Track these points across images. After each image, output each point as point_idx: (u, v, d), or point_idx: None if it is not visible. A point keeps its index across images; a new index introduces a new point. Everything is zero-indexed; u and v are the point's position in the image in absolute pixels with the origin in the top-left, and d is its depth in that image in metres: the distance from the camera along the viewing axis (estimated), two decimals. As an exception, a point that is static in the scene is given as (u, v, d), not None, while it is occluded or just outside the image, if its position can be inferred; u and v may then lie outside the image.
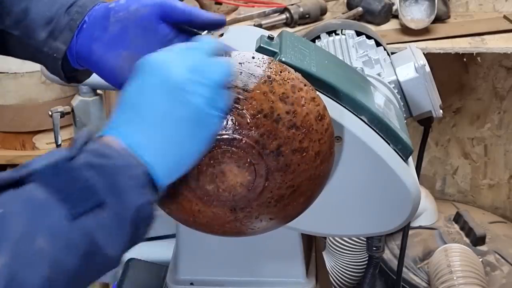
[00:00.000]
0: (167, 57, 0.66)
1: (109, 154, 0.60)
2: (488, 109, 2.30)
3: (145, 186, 0.61)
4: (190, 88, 0.64)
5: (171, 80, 0.63)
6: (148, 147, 0.62)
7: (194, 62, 0.65)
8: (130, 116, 0.64)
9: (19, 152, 2.20)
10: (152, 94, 0.64)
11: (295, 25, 2.00)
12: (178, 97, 0.63)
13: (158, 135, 0.63)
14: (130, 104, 0.64)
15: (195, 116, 0.64)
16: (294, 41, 0.87)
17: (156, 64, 0.65)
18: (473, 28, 1.95)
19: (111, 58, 0.77)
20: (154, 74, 0.64)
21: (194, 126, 0.64)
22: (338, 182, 0.84)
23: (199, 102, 0.64)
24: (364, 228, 0.91)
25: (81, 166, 0.58)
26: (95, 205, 0.57)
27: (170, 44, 0.76)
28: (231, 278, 0.97)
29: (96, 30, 0.77)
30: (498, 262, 1.94)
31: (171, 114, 0.63)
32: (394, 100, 0.97)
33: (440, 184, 2.44)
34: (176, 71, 0.64)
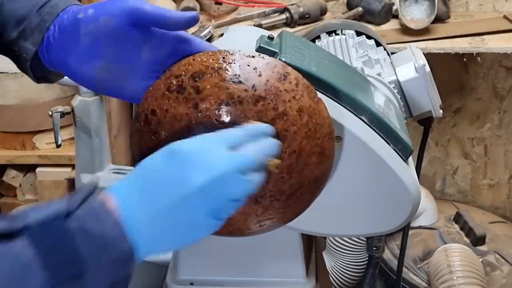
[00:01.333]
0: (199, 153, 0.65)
1: (104, 220, 0.61)
2: (488, 109, 2.30)
3: (129, 262, 0.63)
4: (203, 198, 0.64)
5: (190, 183, 0.64)
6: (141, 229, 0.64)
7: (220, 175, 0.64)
8: (140, 189, 0.64)
9: (19, 152, 2.20)
10: (168, 184, 0.64)
11: (295, 25, 2.00)
12: (190, 201, 0.64)
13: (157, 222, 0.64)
14: (145, 179, 0.65)
15: (197, 222, 0.65)
16: (294, 41, 0.87)
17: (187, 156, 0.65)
18: (473, 28, 1.95)
19: (86, 70, 0.76)
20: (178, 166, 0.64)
21: (193, 228, 0.65)
22: (338, 182, 0.84)
23: (207, 212, 0.65)
24: (364, 228, 0.91)
25: (74, 229, 0.59)
26: (76, 275, 0.58)
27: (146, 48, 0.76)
28: (231, 278, 0.97)
29: (68, 42, 0.75)
30: (498, 262, 1.94)
31: (177, 211, 0.64)
32: (394, 100, 0.97)
33: (440, 184, 2.44)
34: (198, 177, 0.64)
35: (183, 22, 0.75)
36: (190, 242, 0.67)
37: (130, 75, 0.76)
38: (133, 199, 0.64)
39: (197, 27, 1.04)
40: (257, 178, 0.67)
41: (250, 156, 0.67)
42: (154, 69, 0.77)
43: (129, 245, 0.62)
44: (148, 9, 0.74)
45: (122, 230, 0.62)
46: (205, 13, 2.13)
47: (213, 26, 1.87)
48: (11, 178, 2.30)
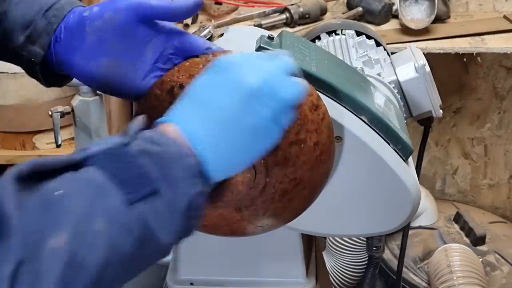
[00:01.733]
0: (245, 61, 0.66)
1: (163, 142, 0.61)
2: (488, 109, 2.30)
3: (197, 177, 0.62)
4: (261, 98, 0.64)
5: (245, 85, 0.64)
6: (205, 141, 0.63)
7: (270, 75, 0.65)
8: (195, 108, 0.64)
9: (19, 152, 2.20)
10: (222, 93, 0.64)
11: (295, 25, 2.00)
12: (248, 103, 0.64)
13: (218, 133, 0.63)
14: (197, 97, 0.65)
15: (258, 126, 0.64)
16: (294, 41, 0.87)
17: (233, 65, 0.65)
18: (473, 28, 1.95)
19: (93, 68, 0.76)
20: (228, 75, 0.65)
21: (255, 135, 0.65)
22: (338, 182, 0.84)
23: (267, 114, 0.64)
24: (364, 228, 0.91)
25: (135, 152, 0.59)
26: (150, 193, 0.58)
27: (151, 44, 0.76)
28: (231, 278, 0.97)
29: (74, 41, 0.76)
30: (498, 262, 1.94)
31: (236, 117, 0.64)
32: (394, 100, 0.97)
33: (440, 184, 2.43)
34: (251, 78, 0.64)
35: (187, 9, 0.76)
36: (257, 153, 0.66)
37: (134, 72, 0.77)
38: (192, 116, 0.63)
39: (197, 27, 1.05)
40: (301, 80, 0.68)
41: (289, 61, 0.68)
42: (157, 68, 0.77)
43: (196, 159, 0.61)
44: (152, 3, 0.75)
45: (185, 147, 0.61)
46: (205, 13, 2.13)
47: (213, 26, 1.87)
48: (11, 178, 2.29)
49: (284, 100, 0.65)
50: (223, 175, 0.65)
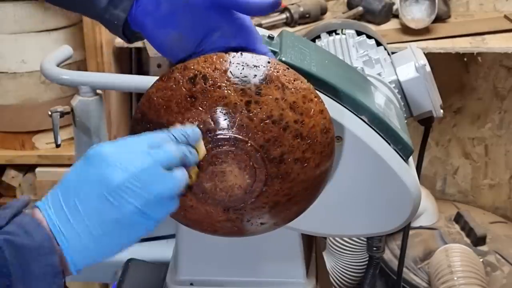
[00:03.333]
0: (114, 155, 0.66)
1: (34, 233, 0.62)
2: (489, 109, 2.30)
3: (57, 275, 0.63)
4: (124, 195, 0.64)
5: (109, 181, 0.64)
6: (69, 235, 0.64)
7: (139, 170, 0.65)
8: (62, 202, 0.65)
9: (18, 152, 2.20)
10: (89, 187, 0.65)
11: (295, 25, 2.00)
12: (111, 199, 0.64)
13: (83, 227, 0.64)
14: (67, 189, 0.66)
15: (122, 220, 0.65)
16: (294, 40, 0.87)
17: (101, 159, 0.66)
18: (474, 27, 1.95)
19: (161, 35, 0.77)
20: (95, 169, 0.65)
21: (119, 229, 0.65)
22: (338, 182, 0.84)
23: (129, 211, 0.65)
24: (364, 228, 0.91)
25: (2, 243, 0.59)
26: None
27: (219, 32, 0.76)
28: (231, 278, 0.97)
29: (149, 4, 0.77)
30: (498, 262, 1.94)
31: (100, 212, 0.64)
32: (394, 100, 0.97)
33: (441, 184, 2.43)
34: (116, 174, 0.65)
35: (263, 7, 0.76)
36: (125, 244, 0.67)
37: (197, 51, 0.77)
38: (57, 209, 0.65)
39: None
40: (180, 175, 0.68)
41: (170, 151, 0.68)
42: None
43: (59, 257, 0.63)
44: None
45: (52, 241, 0.63)
46: (205, 13, 2.12)
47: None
48: (10, 178, 2.30)
49: (151, 195, 0.65)
50: (87, 264, 0.66)
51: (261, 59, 0.75)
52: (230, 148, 0.72)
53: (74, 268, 0.65)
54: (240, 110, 0.72)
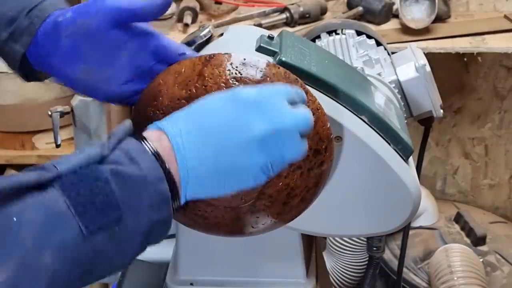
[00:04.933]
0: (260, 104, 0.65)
1: (140, 161, 0.60)
2: (489, 109, 2.30)
3: (166, 203, 0.61)
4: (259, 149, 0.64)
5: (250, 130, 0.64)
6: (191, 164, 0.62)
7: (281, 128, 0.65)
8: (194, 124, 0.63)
9: (18, 152, 2.20)
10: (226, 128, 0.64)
11: (295, 25, 2.00)
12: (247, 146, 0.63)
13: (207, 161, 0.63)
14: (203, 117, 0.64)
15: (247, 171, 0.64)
16: (294, 40, 0.87)
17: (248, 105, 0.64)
18: (474, 27, 1.95)
19: (69, 72, 0.76)
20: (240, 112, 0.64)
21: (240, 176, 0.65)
22: (338, 182, 0.84)
23: (257, 164, 0.64)
24: (364, 228, 0.91)
25: (107, 175, 0.58)
26: (113, 221, 0.57)
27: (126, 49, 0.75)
28: (231, 278, 0.97)
29: (50, 45, 0.76)
30: (498, 262, 1.94)
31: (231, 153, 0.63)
32: (394, 100, 0.97)
33: (441, 184, 2.43)
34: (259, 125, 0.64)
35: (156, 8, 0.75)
36: (233, 190, 0.66)
37: (112, 77, 0.76)
38: (188, 136, 0.63)
39: (197, 27, 1.04)
40: (305, 147, 0.68)
41: (308, 117, 0.67)
42: (136, 73, 0.77)
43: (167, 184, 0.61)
44: (124, 6, 0.74)
45: (159, 170, 0.61)
46: (205, 13, 2.12)
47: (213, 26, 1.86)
48: (10, 178, 2.29)
49: (282, 157, 0.65)
50: (197, 197, 0.65)
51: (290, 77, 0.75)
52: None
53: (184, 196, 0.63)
54: None
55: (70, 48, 0.75)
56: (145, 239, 0.60)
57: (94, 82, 0.77)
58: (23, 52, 0.77)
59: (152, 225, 0.60)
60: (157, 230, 0.61)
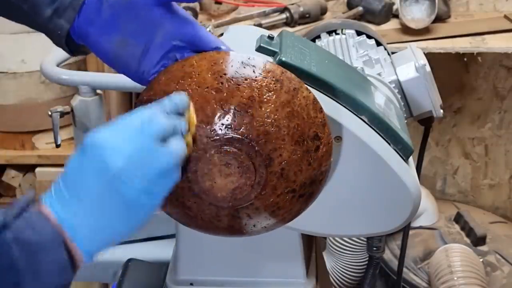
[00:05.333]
0: (109, 140, 0.65)
1: (41, 229, 0.62)
2: (489, 109, 2.30)
3: (65, 269, 0.63)
4: (125, 179, 0.64)
5: (108, 168, 0.64)
6: (79, 227, 0.64)
7: (135, 150, 0.65)
8: (67, 195, 0.65)
9: (18, 152, 2.20)
10: (88, 178, 0.65)
11: (295, 25, 2.00)
12: (112, 185, 0.64)
13: (90, 217, 0.64)
14: (69, 181, 0.65)
15: (126, 204, 0.65)
16: (294, 40, 0.87)
17: (97, 148, 0.65)
18: (474, 27, 1.95)
19: (104, 42, 0.77)
20: (93, 158, 0.65)
21: (125, 212, 0.65)
22: (338, 182, 0.84)
23: (131, 193, 0.64)
24: (364, 228, 0.91)
25: (10, 240, 0.59)
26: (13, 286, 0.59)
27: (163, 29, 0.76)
28: (231, 278, 0.97)
29: (91, 13, 0.77)
30: (498, 262, 1.94)
31: (103, 200, 0.64)
32: (394, 100, 0.97)
33: (441, 184, 2.43)
34: (113, 159, 0.64)
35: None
36: (135, 226, 0.67)
37: (145, 55, 0.77)
38: (62, 203, 0.64)
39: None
40: (175, 144, 0.67)
41: (160, 123, 0.67)
42: (169, 57, 0.77)
43: (70, 250, 0.63)
44: None
45: (59, 235, 0.63)
46: (205, 13, 2.13)
47: (213, 26, 1.86)
48: (10, 178, 2.30)
49: (150, 173, 0.65)
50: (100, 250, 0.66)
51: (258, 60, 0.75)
52: (231, 148, 0.72)
53: (87, 256, 0.65)
54: (242, 111, 0.72)
55: (109, 18, 0.76)
56: None
57: (127, 57, 0.77)
58: (68, 27, 0.78)
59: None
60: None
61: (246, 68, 0.74)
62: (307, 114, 0.75)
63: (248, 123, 0.72)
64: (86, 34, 0.78)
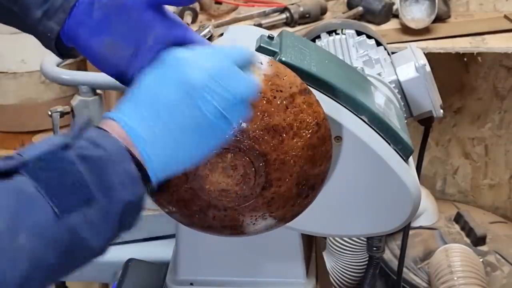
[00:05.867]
0: (192, 56, 0.66)
1: (106, 144, 0.60)
2: (489, 109, 2.30)
3: (136, 181, 0.62)
4: (205, 95, 0.64)
5: (190, 81, 0.64)
6: (148, 140, 0.63)
7: (218, 70, 0.65)
8: (140, 106, 0.64)
9: (18, 152, 2.20)
10: (166, 89, 0.64)
11: (295, 25, 2.00)
12: (192, 100, 0.63)
13: (161, 131, 0.63)
14: (144, 93, 0.65)
15: (203, 123, 0.64)
16: (294, 40, 0.87)
17: (180, 60, 0.65)
18: (474, 27, 1.95)
19: (94, 44, 0.76)
20: (173, 71, 0.65)
21: (201, 132, 0.64)
22: (338, 182, 0.84)
23: (210, 111, 0.64)
24: (364, 228, 0.91)
25: (73, 158, 0.58)
26: (84, 201, 0.57)
27: (154, 31, 0.76)
28: (231, 278, 0.97)
29: (82, 15, 0.77)
30: (498, 262, 1.94)
31: (181, 114, 0.63)
32: (394, 100, 0.97)
33: (441, 184, 2.43)
34: (197, 74, 0.64)
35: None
36: (203, 151, 0.66)
37: (134, 57, 0.76)
38: (135, 114, 0.63)
39: (197, 27, 1.04)
40: (253, 77, 0.67)
41: (243, 50, 0.67)
42: None
43: (138, 161, 0.61)
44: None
45: (127, 148, 0.61)
46: (205, 13, 2.13)
47: (213, 26, 1.86)
48: (10, 178, 2.30)
49: (231, 95, 0.65)
50: (167, 173, 0.65)
51: None
52: (245, 157, 0.73)
53: (154, 175, 0.63)
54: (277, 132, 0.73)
55: (100, 20, 0.75)
56: (119, 221, 0.60)
57: (116, 59, 0.76)
58: (58, 29, 0.77)
59: (125, 206, 0.60)
60: (130, 211, 0.61)
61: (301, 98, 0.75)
62: (320, 163, 0.77)
63: (274, 145, 0.73)
64: (75, 36, 0.77)
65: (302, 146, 0.74)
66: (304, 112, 0.74)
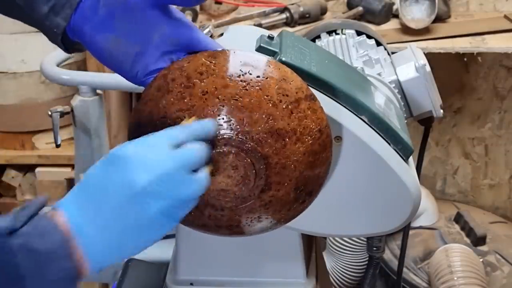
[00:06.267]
0: (138, 156, 0.65)
1: (50, 236, 0.61)
2: (489, 109, 2.30)
3: (73, 280, 0.63)
4: (148, 199, 0.64)
5: (134, 184, 0.64)
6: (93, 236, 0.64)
7: (164, 173, 0.65)
8: (86, 201, 0.65)
9: (18, 152, 2.20)
10: (112, 189, 0.64)
11: (295, 25, 2.00)
12: (135, 201, 0.64)
13: (105, 228, 0.64)
14: (89, 190, 0.65)
15: (145, 222, 0.65)
16: (294, 40, 0.87)
17: (126, 161, 0.65)
18: (474, 27, 1.95)
19: (99, 41, 0.77)
20: (120, 170, 0.65)
21: (141, 230, 0.65)
22: (338, 182, 0.84)
23: (152, 212, 0.65)
24: (364, 228, 0.91)
25: (16, 246, 0.59)
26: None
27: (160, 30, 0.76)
28: (231, 278, 0.97)
29: (88, 11, 0.77)
30: (498, 262, 1.94)
31: (125, 216, 0.64)
32: (394, 100, 0.97)
33: (441, 184, 2.43)
34: (141, 177, 0.64)
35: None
36: (146, 244, 0.67)
37: (139, 55, 0.77)
38: (80, 210, 0.64)
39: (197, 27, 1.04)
40: (204, 176, 0.68)
41: (193, 153, 0.67)
42: (164, 59, 0.77)
43: (76, 260, 0.63)
44: None
45: (68, 245, 0.62)
46: (205, 13, 2.13)
47: (213, 26, 1.86)
48: (10, 178, 2.30)
49: (177, 199, 0.65)
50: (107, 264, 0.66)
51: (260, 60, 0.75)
52: (231, 149, 0.72)
53: (95, 267, 0.64)
54: (280, 136, 0.73)
55: (105, 17, 0.76)
56: None
57: (121, 56, 0.77)
58: (65, 25, 0.78)
59: None
60: None
61: (306, 103, 0.75)
62: (319, 170, 0.77)
63: (276, 148, 0.73)
64: (81, 32, 0.77)
65: (303, 152, 0.74)
66: (308, 118, 0.74)
